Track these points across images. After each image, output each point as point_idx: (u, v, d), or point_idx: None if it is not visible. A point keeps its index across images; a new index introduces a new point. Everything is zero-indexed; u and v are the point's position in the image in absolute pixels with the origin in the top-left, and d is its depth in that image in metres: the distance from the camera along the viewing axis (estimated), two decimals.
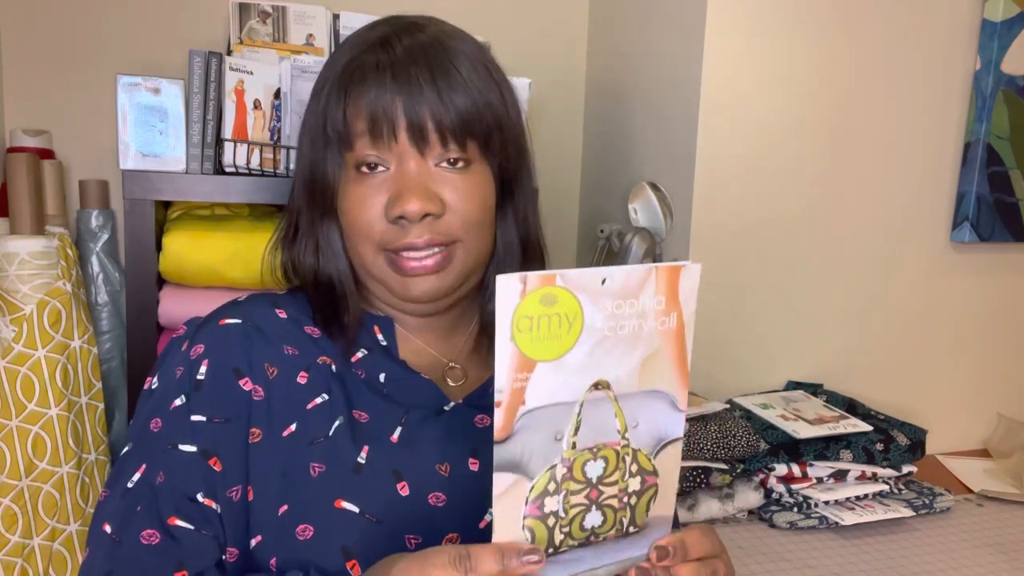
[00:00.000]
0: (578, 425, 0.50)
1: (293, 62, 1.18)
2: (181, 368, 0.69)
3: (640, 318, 0.50)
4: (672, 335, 0.51)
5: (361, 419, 0.68)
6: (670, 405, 0.53)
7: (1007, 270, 1.60)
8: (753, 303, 1.43)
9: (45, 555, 1.21)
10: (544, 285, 0.47)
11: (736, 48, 1.34)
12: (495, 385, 0.47)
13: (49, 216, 1.31)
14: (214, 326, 0.71)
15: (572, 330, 0.48)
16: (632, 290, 0.49)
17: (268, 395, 0.68)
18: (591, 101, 1.73)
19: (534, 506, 0.50)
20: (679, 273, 0.50)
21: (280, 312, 0.74)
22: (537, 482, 0.50)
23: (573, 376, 0.49)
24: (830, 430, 1.27)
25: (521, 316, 0.46)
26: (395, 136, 0.67)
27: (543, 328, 0.47)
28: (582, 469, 0.51)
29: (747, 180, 1.38)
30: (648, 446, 0.53)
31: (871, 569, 1.11)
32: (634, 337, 0.50)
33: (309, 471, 0.65)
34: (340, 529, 0.63)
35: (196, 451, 0.65)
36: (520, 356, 0.47)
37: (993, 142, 1.49)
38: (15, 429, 1.19)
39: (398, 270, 0.69)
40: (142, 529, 0.62)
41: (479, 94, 0.68)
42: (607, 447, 0.52)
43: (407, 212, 0.66)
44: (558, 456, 0.50)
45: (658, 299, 0.50)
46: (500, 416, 0.48)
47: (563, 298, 0.47)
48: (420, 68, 0.67)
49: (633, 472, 0.53)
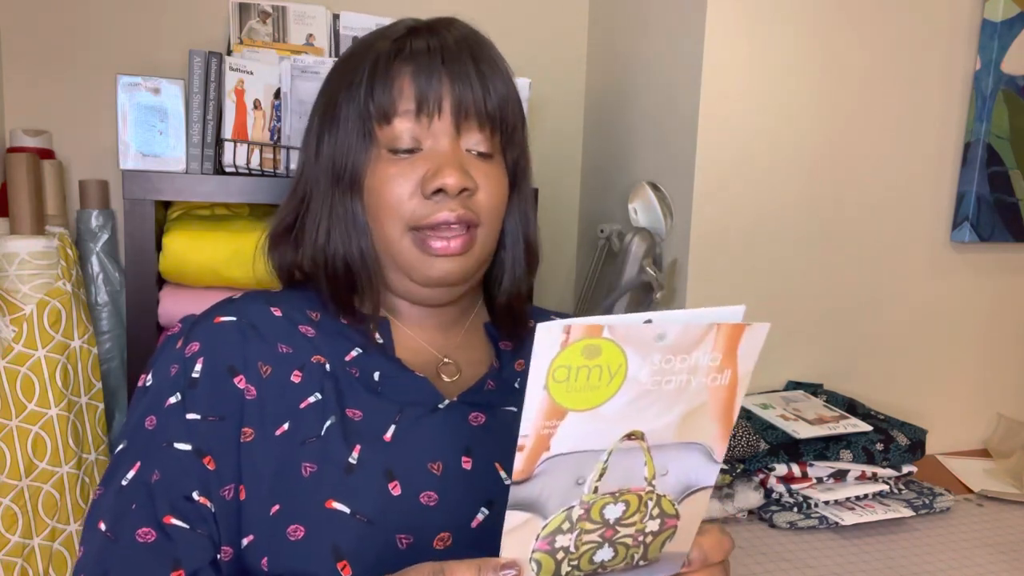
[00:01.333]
0: (603, 472, 0.47)
1: (293, 62, 1.18)
2: (176, 366, 0.69)
3: (690, 373, 0.46)
4: (722, 391, 0.48)
5: (355, 418, 0.68)
6: (706, 456, 0.50)
7: (1007, 270, 1.60)
8: (753, 303, 1.43)
9: (45, 555, 1.21)
10: (589, 336, 0.42)
11: (736, 48, 1.34)
12: (520, 429, 0.44)
13: (49, 216, 1.31)
14: (209, 323, 0.71)
15: (613, 383, 0.44)
16: (687, 346, 0.45)
17: (261, 394, 0.68)
18: (591, 101, 1.73)
19: (545, 542, 0.48)
20: (742, 332, 0.46)
21: (275, 310, 0.73)
22: (551, 521, 0.48)
23: (606, 426, 0.46)
24: (830, 430, 1.27)
25: (559, 366, 0.42)
26: (439, 113, 0.70)
27: (581, 379, 0.43)
28: (600, 511, 0.49)
29: (747, 180, 1.38)
30: (675, 492, 0.50)
31: (871, 569, 1.11)
32: (679, 391, 0.46)
33: (301, 471, 0.65)
34: (331, 529, 0.63)
35: (191, 449, 0.65)
36: (552, 404, 0.43)
37: (993, 142, 1.49)
38: (15, 429, 1.19)
39: (424, 250, 0.71)
40: (137, 527, 0.62)
41: (512, 87, 0.74)
42: (631, 492, 0.49)
43: (447, 185, 0.69)
44: (577, 499, 0.48)
45: (714, 355, 0.46)
46: (520, 460, 0.45)
47: (608, 350, 0.43)
48: (467, 55, 0.71)
49: (654, 515, 0.51)
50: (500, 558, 0.48)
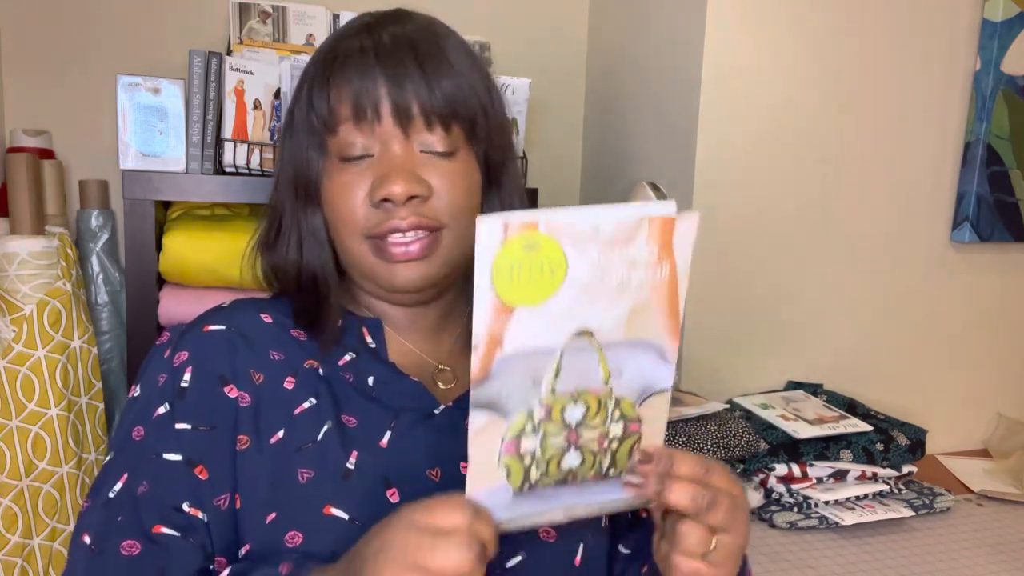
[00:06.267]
0: (558, 371, 0.49)
1: (293, 62, 1.18)
2: (164, 375, 0.67)
3: (629, 267, 0.48)
4: (664, 285, 0.49)
5: (349, 424, 0.67)
6: (658, 356, 0.52)
7: (1007, 270, 1.60)
8: (753, 303, 1.43)
9: (45, 555, 1.21)
10: (527, 230, 0.45)
11: (736, 49, 1.34)
12: (473, 329, 0.46)
13: (49, 216, 1.31)
14: (197, 332, 0.70)
15: (555, 278, 0.46)
16: (622, 239, 0.47)
17: (255, 401, 0.67)
18: (591, 101, 1.73)
19: (510, 444, 0.50)
20: (673, 223, 0.48)
21: (265, 317, 0.72)
22: (514, 423, 0.49)
23: (554, 323, 0.47)
24: (830, 430, 1.27)
25: (501, 261, 0.45)
26: (379, 117, 0.66)
27: (524, 274, 0.45)
28: (561, 413, 0.50)
29: (747, 180, 1.38)
30: (633, 394, 0.52)
31: (871, 569, 1.11)
32: (622, 287, 0.48)
33: (298, 477, 0.64)
34: (329, 536, 0.62)
35: (181, 460, 0.64)
36: (499, 301, 0.46)
37: (993, 142, 1.49)
38: (15, 429, 1.19)
39: (383, 256, 0.67)
40: (122, 540, 0.61)
41: (464, 79, 0.68)
42: (589, 393, 0.51)
43: (392, 194, 0.65)
44: (536, 399, 0.49)
45: (650, 249, 0.48)
46: (476, 360, 0.47)
47: (546, 245, 0.45)
48: (405, 51, 0.66)
49: (615, 418, 0.52)
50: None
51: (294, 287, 0.74)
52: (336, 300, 0.73)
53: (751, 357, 1.46)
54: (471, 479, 0.51)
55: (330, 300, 0.72)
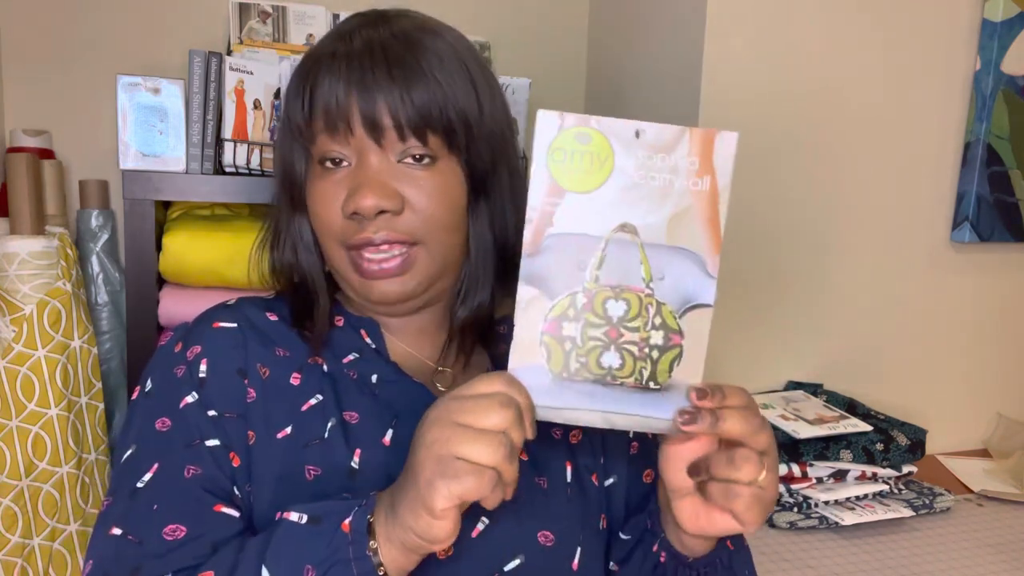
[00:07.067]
0: (602, 260, 0.53)
1: (293, 62, 1.18)
2: (182, 367, 0.68)
3: (672, 173, 0.53)
4: (705, 197, 0.53)
5: (352, 420, 0.68)
6: (699, 267, 0.54)
7: (1007, 270, 1.60)
8: (753, 303, 1.43)
9: (45, 555, 1.21)
10: (580, 125, 0.52)
11: (736, 49, 1.34)
12: (527, 204, 0.52)
13: (49, 216, 1.31)
14: (207, 328, 0.70)
15: (603, 169, 0.52)
16: (664, 146, 0.53)
17: (262, 397, 0.67)
18: (591, 101, 1.73)
19: (552, 324, 0.54)
20: (713, 138, 0.53)
21: (270, 315, 0.73)
22: (557, 303, 0.53)
23: (601, 212, 0.53)
24: (830, 430, 1.27)
25: (556, 148, 0.51)
26: (351, 129, 0.65)
27: (575, 162, 0.52)
28: (603, 304, 0.54)
29: (746, 181, 1.38)
30: (674, 303, 0.55)
31: (871, 569, 1.11)
32: (664, 190, 0.53)
33: (305, 474, 0.64)
34: None
35: (219, 444, 0.65)
36: (552, 183, 0.52)
37: (993, 142, 1.49)
38: (15, 429, 1.19)
39: (359, 271, 0.67)
40: (163, 526, 0.61)
41: (440, 88, 0.65)
42: (630, 291, 0.54)
43: (361, 208, 0.64)
44: (580, 285, 0.53)
45: (691, 160, 0.53)
46: (529, 233, 0.53)
47: (596, 139, 0.52)
48: (376, 59, 0.64)
49: (656, 325, 0.55)
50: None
51: (290, 287, 0.74)
52: (326, 302, 0.73)
53: (751, 357, 1.46)
54: (514, 352, 0.54)
55: (319, 302, 0.72)
